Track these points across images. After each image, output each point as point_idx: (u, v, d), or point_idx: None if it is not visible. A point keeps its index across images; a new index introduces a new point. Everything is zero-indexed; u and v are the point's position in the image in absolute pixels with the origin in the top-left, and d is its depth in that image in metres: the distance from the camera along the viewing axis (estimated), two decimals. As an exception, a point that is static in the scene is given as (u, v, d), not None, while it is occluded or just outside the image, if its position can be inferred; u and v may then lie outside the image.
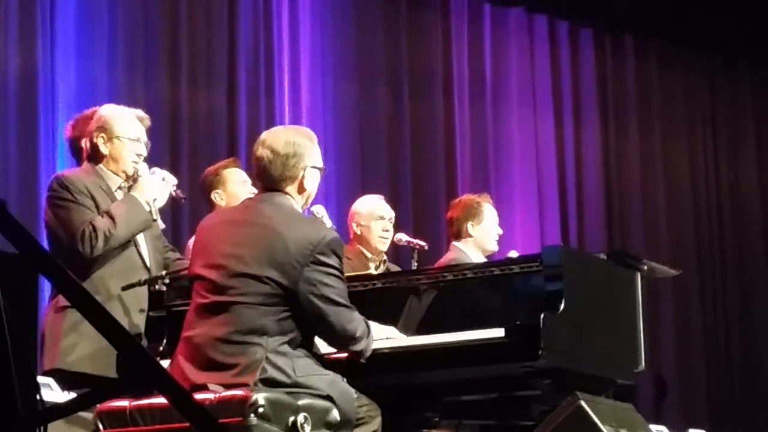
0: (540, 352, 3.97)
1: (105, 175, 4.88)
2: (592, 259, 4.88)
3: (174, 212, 7.10)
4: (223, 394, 3.77)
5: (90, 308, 2.23)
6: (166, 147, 7.50)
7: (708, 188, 10.58)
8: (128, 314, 4.72)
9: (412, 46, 9.18)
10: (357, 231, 6.38)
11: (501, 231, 6.54)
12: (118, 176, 4.90)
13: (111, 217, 4.71)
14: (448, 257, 6.39)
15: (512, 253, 6.04)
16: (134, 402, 3.90)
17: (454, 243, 6.48)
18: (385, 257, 6.39)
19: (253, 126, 7.95)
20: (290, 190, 4.11)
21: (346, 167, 8.54)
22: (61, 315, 4.68)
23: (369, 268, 5.92)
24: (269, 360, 3.84)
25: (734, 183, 10.68)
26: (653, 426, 6.46)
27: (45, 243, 4.83)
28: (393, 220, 6.46)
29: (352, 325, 3.98)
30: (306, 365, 3.90)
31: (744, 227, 10.61)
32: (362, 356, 4.05)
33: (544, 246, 7.19)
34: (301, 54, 8.53)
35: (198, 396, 3.73)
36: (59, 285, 2.95)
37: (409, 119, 9.08)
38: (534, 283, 4.27)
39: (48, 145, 7.14)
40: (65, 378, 4.63)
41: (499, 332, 4.03)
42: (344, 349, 4.08)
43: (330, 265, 3.95)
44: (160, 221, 4.95)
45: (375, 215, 6.39)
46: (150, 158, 5.03)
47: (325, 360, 4.05)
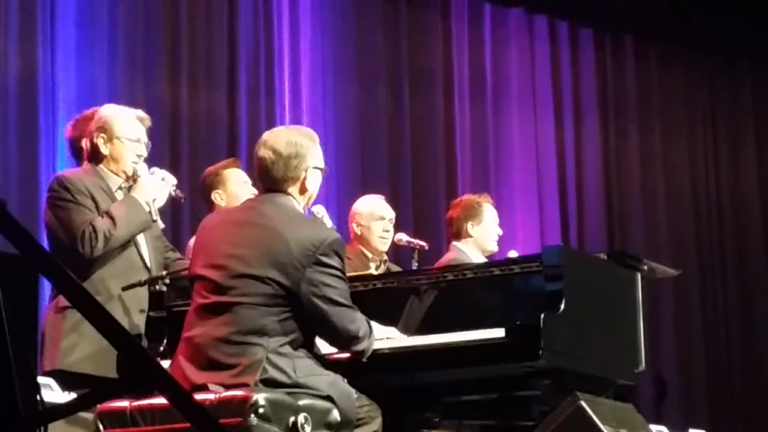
0: (540, 353, 3.97)
1: (105, 176, 4.88)
2: (593, 259, 4.88)
3: (174, 212, 7.09)
4: (224, 395, 3.77)
5: (90, 309, 2.23)
6: (166, 147, 7.49)
7: (708, 188, 10.57)
8: (128, 314, 4.72)
9: (412, 46, 9.17)
10: (357, 231, 6.38)
11: (501, 231, 6.54)
12: (119, 176, 4.89)
13: (111, 218, 4.71)
14: (448, 257, 6.39)
15: (512, 253, 6.05)
16: (134, 402, 3.90)
17: (454, 243, 6.48)
18: (386, 257, 6.39)
19: (253, 126, 7.95)
20: (292, 191, 4.10)
21: (346, 167, 8.53)
22: (62, 315, 4.68)
23: (369, 268, 5.92)
24: (270, 360, 3.84)
25: (734, 183, 10.67)
26: (653, 426, 6.46)
27: (45, 243, 4.83)
28: (393, 221, 6.46)
29: (354, 326, 3.98)
30: (306, 366, 3.90)
31: (744, 227, 10.60)
32: (363, 356, 4.05)
33: (544, 246, 7.19)
34: (301, 54, 8.53)
35: (198, 396, 3.72)
36: (59, 285, 2.95)
37: (409, 119, 9.07)
38: (534, 283, 4.27)
39: (48, 145, 7.13)
40: (65, 378, 4.62)
41: (500, 332, 4.03)
42: (346, 350, 4.07)
43: (332, 266, 3.94)
44: (160, 221, 4.94)
45: (375, 215, 6.39)
46: (150, 158, 5.02)
47: (326, 360, 4.05)
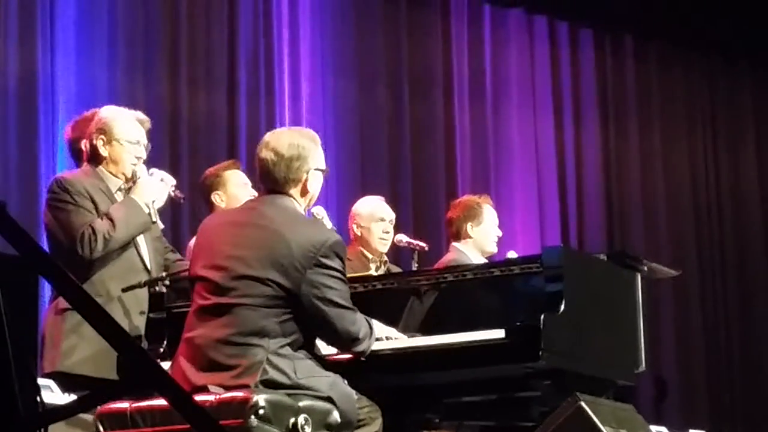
0: (540, 353, 3.97)
1: (105, 177, 4.88)
2: (593, 260, 4.87)
3: (174, 213, 7.09)
4: (224, 396, 3.77)
5: (90, 310, 2.23)
6: (166, 147, 7.49)
7: (708, 188, 10.57)
8: (128, 316, 4.71)
9: (412, 47, 9.17)
10: (357, 232, 6.37)
11: (500, 233, 6.53)
12: (118, 178, 4.89)
13: (110, 220, 4.70)
14: (448, 258, 6.38)
15: (511, 254, 6.05)
16: (135, 404, 3.90)
17: (454, 244, 6.47)
18: (386, 258, 6.38)
19: (253, 127, 7.95)
20: (293, 193, 4.10)
21: (346, 168, 8.52)
22: (62, 317, 4.68)
23: (369, 269, 5.93)
24: (270, 361, 3.84)
25: (734, 183, 10.68)
26: (653, 426, 6.47)
27: (45, 245, 4.82)
28: (393, 222, 6.45)
29: (355, 327, 3.98)
30: (307, 367, 3.90)
31: (744, 227, 10.60)
32: (363, 355, 4.05)
33: (544, 247, 7.18)
34: (301, 54, 8.52)
35: (198, 397, 3.72)
36: (59, 287, 2.95)
37: (409, 119, 9.07)
38: (534, 284, 4.27)
39: (48, 146, 7.13)
40: (66, 380, 4.62)
41: (500, 333, 4.03)
42: (346, 351, 4.07)
43: (333, 268, 3.94)
44: (160, 222, 4.94)
45: (375, 217, 6.38)
46: (150, 159, 5.02)
47: (326, 361, 4.05)
